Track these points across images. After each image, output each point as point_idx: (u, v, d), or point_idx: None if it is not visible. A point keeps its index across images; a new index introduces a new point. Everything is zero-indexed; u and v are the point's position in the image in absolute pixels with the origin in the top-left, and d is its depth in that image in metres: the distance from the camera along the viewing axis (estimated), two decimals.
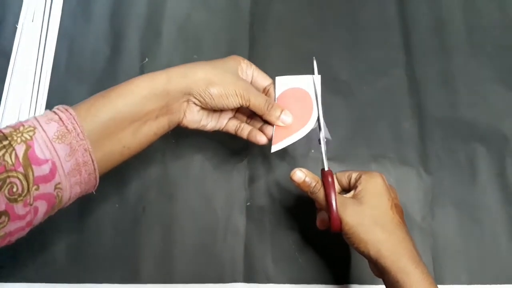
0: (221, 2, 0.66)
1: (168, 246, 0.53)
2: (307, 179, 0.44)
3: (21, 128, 0.35)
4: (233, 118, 0.50)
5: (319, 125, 0.46)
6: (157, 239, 0.53)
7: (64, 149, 0.35)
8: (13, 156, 0.33)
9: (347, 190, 0.46)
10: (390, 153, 0.58)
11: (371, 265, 0.44)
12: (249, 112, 0.48)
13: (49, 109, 0.38)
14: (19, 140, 0.34)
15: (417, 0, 0.66)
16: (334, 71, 0.62)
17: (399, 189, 0.47)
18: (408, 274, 0.38)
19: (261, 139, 0.47)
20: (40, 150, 0.34)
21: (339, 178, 0.47)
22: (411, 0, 0.66)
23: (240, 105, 0.45)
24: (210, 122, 0.48)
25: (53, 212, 0.38)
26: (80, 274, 0.52)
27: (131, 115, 0.40)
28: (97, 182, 0.40)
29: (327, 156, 0.46)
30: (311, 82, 0.48)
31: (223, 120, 0.49)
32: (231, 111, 0.49)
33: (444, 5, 0.65)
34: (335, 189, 0.43)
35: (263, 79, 0.49)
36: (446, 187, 0.56)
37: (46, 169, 0.34)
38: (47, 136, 0.35)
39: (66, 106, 0.38)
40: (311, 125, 0.47)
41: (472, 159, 0.57)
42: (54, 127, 0.36)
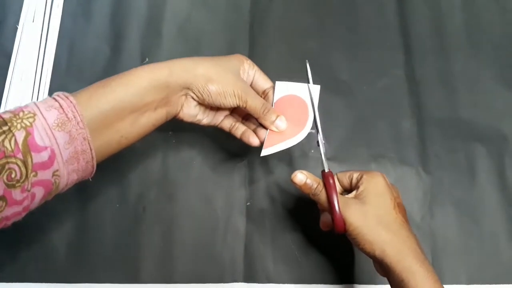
0: (221, 2, 0.66)
1: (168, 246, 0.53)
2: (308, 181, 0.44)
3: (20, 114, 0.35)
4: (229, 116, 0.50)
5: (316, 127, 0.46)
6: (157, 239, 0.53)
7: (63, 137, 0.36)
8: (12, 142, 0.33)
9: (348, 190, 0.46)
10: (389, 153, 0.58)
11: (375, 264, 0.44)
12: (246, 112, 0.48)
13: None
14: (19, 126, 0.34)
15: (416, 0, 0.66)
16: (334, 71, 0.62)
17: (399, 189, 0.47)
18: (413, 273, 0.38)
19: (254, 141, 0.47)
20: (40, 138, 0.34)
21: (340, 178, 0.47)
22: (410, 0, 0.66)
23: (237, 105, 0.45)
24: (206, 118, 0.48)
25: (49, 197, 0.38)
26: (80, 274, 0.52)
27: (131, 105, 0.40)
28: (94, 169, 0.40)
29: (327, 157, 0.46)
30: (312, 91, 0.48)
31: (219, 117, 0.49)
32: (228, 109, 0.49)
33: (444, 5, 0.65)
34: (336, 190, 0.43)
35: (263, 82, 0.49)
36: (446, 187, 0.56)
37: (45, 156, 0.35)
38: (47, 124, 0.35)
39: (67, 94, 0.38)
40: (304, 134, 0.47)
41: (472, 159, 0.57)
42: (54, 114, 0.36)
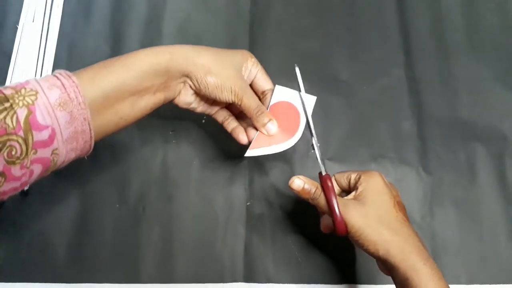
0: (221, 2, 0.66)
1: (168, 246, 0.53)
2: (306, 186, 0.43)
3: (22, 90, 0.35)
4: (224, 108, 0.50)
5: (310, 132, 0.46)
6: (157, 239, 0.53)
7: (64, 116, 0.36)
8: (14, 119, 0.33)
9: (347, 191, 0.46)
10: (389, 153, 0.58)
11: (379, 264, 0.44)
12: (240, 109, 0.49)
13: None
14: (20, 103, 0.34)
15: (416, 0, 0.66)
16: (334, 71, 0.62)
17: (399, 189, 0.47)
18: (417, 271, 0.39)
19: (242, 138, 0.48)
20: (42, 116, 0.34)
21: (338, 179, 0.46)
22: (410, 0, 0.66)
23: (232, 102, 0.45)
24: (200, 106, 0.48)
25: (46, 173, 0.38)
26: (80, 274, 0.52)
27: (131, 88, 0.40)
28: (91, 149, 0.40)
29: (326, 157, 0.46)
30: (306, 102, 0.47)
31: (214, 108, 0.49)
32: (223, 103, 0.49)
33: (444, 5, 0.65)
34: (335, 193, 0.43)
35: (264, 82, 0.49)
36: (446, 186, 0.56)
37: (45, 135, 0.35)
38: (49, 103, 0.35)
39: (69, 73, 0.38)
40: (291, 143, 0.47)
41: (472, 159, 0.57)
42: (56, 93, 0.36)
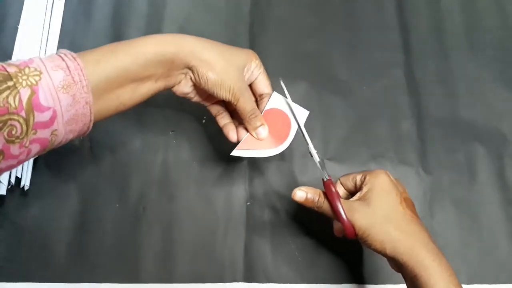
0: (221, 2, 0.66)
1: (168, 246, 0.53)
2: (309, 196, 0.44)
3: (26, 69, 0.35)
4: (219, 102, 0.50)
5: (305, 141, 0.46)
6: (157, 239, 0.53)
7: (67, 99, 0.36)
8: (17, 99, 0.33)
9: (353, 193, 0.46)
10: (389, 153, 0.58)
11: (389, 262, 0.44)
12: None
13: None
14: (24, 83, 0.34)
15: (416, 0, 0.66)
16: (334, 71, 0.62)
17: None
18: (426, 268, 0.38)
19: (232, 136, 0.48)
20: (44, 98, 0.34)
21: (343, 182, 0.46)
22: (410, 0, 0.66)
23: (228, 100, 0.45)
24: (197, 97, 0.48)
25: (43, 152, 0.38)
26: (80, 274, 0.52)
27: (135, 75, 0.40)
28: (89, 130, 0.40)
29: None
30: (299, 115, 0.48)
31: (210, 100, 0.49)
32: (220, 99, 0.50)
33: (444, 5, 0.65)
34: (339, 197, 0.42)
35: (264, 86, 0.48)
36: (445, 186, 0.56)
37: (46, 116, 0.35)
38: (53, 84, 0.35)
39: (74, 54, 0.38)
40: (276, 152, 0.47)
41: (471, 159, 0.57)
42: (60, 75, 0.35)
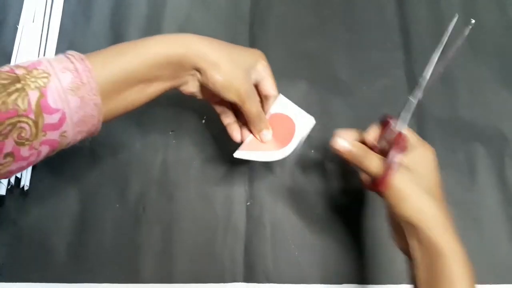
0: (221, 2, 0.66)
1: (168, 246, 0.53)
2: (354, 151, 0.42)
3: (34, 71, 0.35)
4: (224, 101, 0.49)
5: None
6: (157, 239, 0.53)
7: (75, 101, 0.36)
8: (26, 101, 0.33)
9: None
10: None
11: (396, 235, 0.42)
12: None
13: None
14: (32, 85, 0.34)
15: (416, 0, 0.66)
16: (334, 71, 0.62)
17: None
18: (453, 249, 0.37)
19: (236, 136, 0.48)
20: (53, 100, 0.34)
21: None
22: (410, 0, 0.66)
23: (233, 102, 0.45)
24: (202, 95, 0.48)
25: (52, 153, 0.38)
26: (80, 274, 0.52)
27: (142, 76, 0.40)
28: (98, 131, 0.40)
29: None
30: (304, 122, 0.48)
31: (215, 98, 0.49)
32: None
33: (444, 5, 0.65)
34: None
35: (269, 88, 0.48)
36: (446, 187, 0.56)
37: (55, 118, 0.35)
38: (61, 86, 0.35)
39: (82, 56, 0.38)
40: (278, 156, 0.47)
41: (472, 159, 0.57)
42: (68, 77, 0.36)
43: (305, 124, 0.48)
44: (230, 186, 0.56)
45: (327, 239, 0.53)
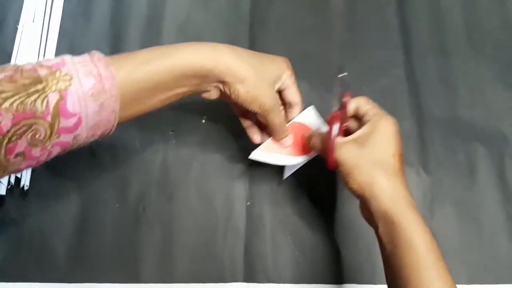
0: (221, 2, 0.66)
1: (168, 246, 0.53)
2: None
3: (57, 73, 0.34)
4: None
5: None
6: (157, 239, 0.53)
7: (94, 107, 0.35)
8: (44, 104, 0.33)
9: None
10: None
11: (362, 207, 0.43)
12: None
13: None
14: (53, 88, 0.34)
15: (416, 0, 0.66)
16: (334, 71, 0.62)
17: None
18: (406, 216, 0.38)
19: (256, 138, 0.49)
20: (72, 104, 0.34)
21: (360, 105, 0.47)
22: (410, 0, 0.66)
23: (257, 113, 0.45)
24: (223, 100, 0.47)
25: (62, 153, 0.38)
26: (80, 274, 0.52)
27: (166, 86, 0.40)
28: (110, 135, 0.40)
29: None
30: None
31: (238, 105, 0.48)
32: None
33: (444, 5, 0.65)
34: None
35: (293, 96, 0.48)
36: (446, 187, 0.56)
37: (71, 122, 0.35)
38: (82, 91, 0.35)
39: (108, 60, 0.37)
40: (295, 162, 0.49)
41: (472, 159, 0.57)
42: (91, 82, 0.35)
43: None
44: (230, 186, 0.56)
45: (327, 239, 0.53)
